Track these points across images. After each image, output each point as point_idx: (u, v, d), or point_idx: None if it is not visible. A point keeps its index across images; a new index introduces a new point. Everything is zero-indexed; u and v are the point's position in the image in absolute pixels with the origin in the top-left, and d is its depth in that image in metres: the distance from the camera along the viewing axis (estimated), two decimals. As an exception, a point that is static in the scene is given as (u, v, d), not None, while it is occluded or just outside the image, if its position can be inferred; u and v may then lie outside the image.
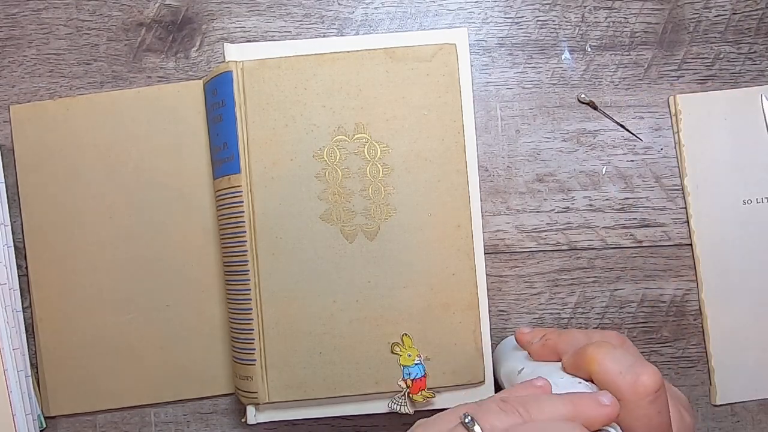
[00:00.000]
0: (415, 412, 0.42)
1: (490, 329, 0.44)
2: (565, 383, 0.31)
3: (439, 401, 0.43)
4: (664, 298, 0.46)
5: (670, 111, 0.46)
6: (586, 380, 0.31)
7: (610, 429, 0.27)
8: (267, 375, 0.42)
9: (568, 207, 0.46)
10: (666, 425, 0.29)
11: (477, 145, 0.45)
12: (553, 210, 0.46)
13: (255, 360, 0.42)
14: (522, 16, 0.47)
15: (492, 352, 0.43)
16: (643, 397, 0.28)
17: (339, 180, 0.43)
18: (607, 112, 0.46)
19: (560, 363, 0.34)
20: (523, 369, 0.36)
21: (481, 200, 0.44)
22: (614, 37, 0.47)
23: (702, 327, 0.46)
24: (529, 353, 0.37)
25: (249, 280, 0.42)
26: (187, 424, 0.46)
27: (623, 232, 0.46)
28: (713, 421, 0.46)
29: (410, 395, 0.42)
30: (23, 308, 0.46)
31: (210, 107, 0.45)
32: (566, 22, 0.47)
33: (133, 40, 0.47)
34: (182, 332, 0.46)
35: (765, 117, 0.46)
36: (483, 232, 0.44)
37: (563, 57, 0.47)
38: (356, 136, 0.43)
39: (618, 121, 0.46)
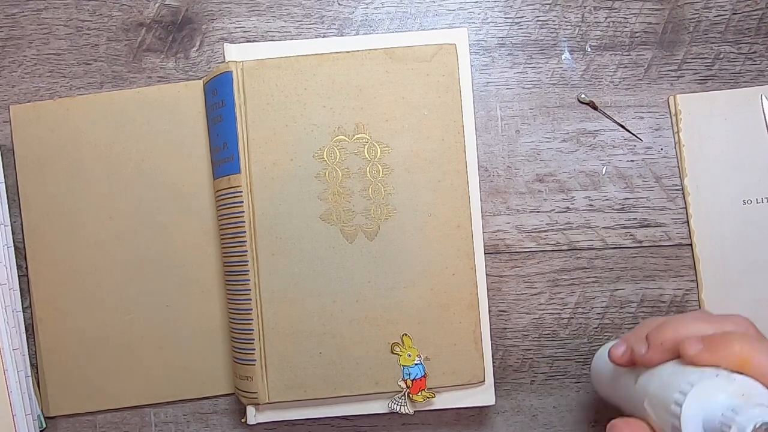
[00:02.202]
0: (414, 412, 0.42)
1: (490, 329, 0.44)
2: (712, 376, 0.27)
3: (439, 401, 0.43)
4: (664, 298, 0.46)
5: (670, 111, 0.46)
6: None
7: None
8: (267, 375, 0.42)
9: (568, 207, 0.46)
10: None
11: (477, 145, 0.45)
12: (553, 210, 0.46)
13: (255, 360, 0.42)
14: (522, 16, 0.47)
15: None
16: None
17: (339, 180, 0.43)
18: (607, 112, 0.46)
19: (675, 360, 0.29)
20: (639, 376, 0.31)
21: (481, 200, 0.44)
22: (614, 37, 0.47)
23: (702, 327, 0.46)
24: (645, 364, 0.31)
25: (249, 280, 0.42)
26: (187, 424, 0.46)
27: (623, 232, 0.46)
28: (713, 421, 0.46)
29: (410, 395, 0.42)
30: (23, 308, 0.46)
31: (210, 107, 0.45)
32: (566, 22, 0.47)
33: (133, 40, 0.47)
34: (182, 332, 0.46)
35: (765, 117, 0.46)
36: (483, 232, 0.45)
37: (563, 57, 0.47)
38: (356, 136, 0.43)
39: (618, 121, 0.46)
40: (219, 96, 0.43)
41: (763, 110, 0.46)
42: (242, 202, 0.42)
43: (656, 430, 0.29)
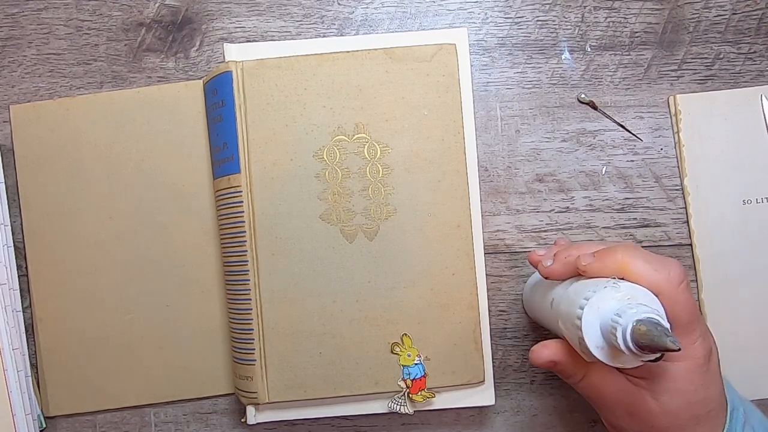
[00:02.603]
0: (414, 412, 0.42)
1: (490, 329, 0.44)
2: (608, 287, 0.30)
3: (439, 401, 0.43)
4: (664, 298, 0.46)
5: (670, 111, 0.46)
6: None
7: (657, 318, 0.28)
8: (267, 375, 0.42)
9: (568, 207, 0.46)
10: (696, 306, 0.33)
11: (477, 145, 0.45)
12: (553, 210, 0.46)
13: (255, 360, 0.42)
14: (522, 16, 0.47)
15: (486, 345, 0.44)
16: (678, 286, 0.31)
17: (339, 180, 0.43)
18: (607, 112, 0.46)
19: (579, 281, 0.33)
20: (553, 299, 0.35)
21: (481, 200, 0.44)
22: (614, 37, 0.47)
23: (702, 327, 0.46)
24: (547, 276, 0.36)
25: (249, 280, 0.42)
26: (187, 424, 0.46)
27: (623, 232, 0.46)
28: (713, 421, 0.46)
29: (410, 395, 0.42)
30: (23, 308, 0.46)
31: (210, 107, 0.45)
32: (566, 22, 0.47)
33: (133, 40, 0.47)
34: (182, 332, 0.46)
35: (765, 117, 0.46)
36: (483, 232, 0.44)
37: (563, 57, 0.47)
38: (356, 136, 0.43)
39: (618, 121, 0.46)
40: (219, 96, 0.43)
41: (763, 110, 0.46)
42: (242, 202, 0.42)
43: (570, 343, 0.33)
